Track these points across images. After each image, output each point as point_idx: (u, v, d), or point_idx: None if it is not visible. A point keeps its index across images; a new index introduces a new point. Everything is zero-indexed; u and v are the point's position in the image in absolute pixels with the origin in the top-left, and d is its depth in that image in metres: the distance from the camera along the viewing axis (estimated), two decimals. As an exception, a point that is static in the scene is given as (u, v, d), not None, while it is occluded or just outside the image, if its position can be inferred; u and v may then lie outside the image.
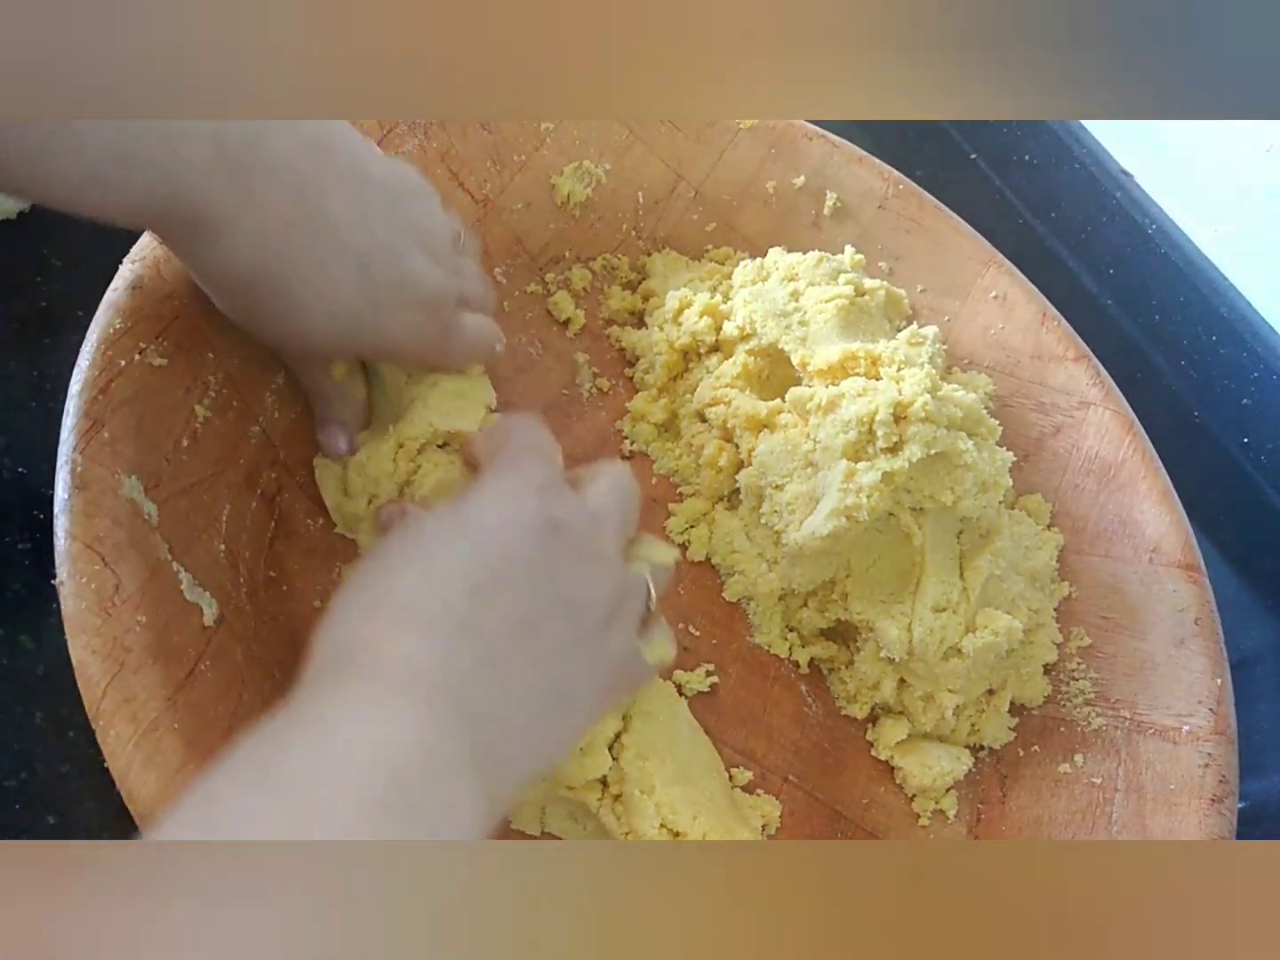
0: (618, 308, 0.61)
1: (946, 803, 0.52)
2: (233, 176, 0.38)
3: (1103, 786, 0.51)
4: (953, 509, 0.50)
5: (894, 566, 0.52)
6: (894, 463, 0.48)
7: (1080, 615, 0.56)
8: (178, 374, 0.44)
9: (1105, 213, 0.75)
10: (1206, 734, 0.50)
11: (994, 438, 0.53)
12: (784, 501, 0.52)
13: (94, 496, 0.39)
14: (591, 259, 0.61)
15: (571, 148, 0.59)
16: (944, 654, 0.51)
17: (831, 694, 0.55)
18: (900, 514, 0.51)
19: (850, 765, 0.53)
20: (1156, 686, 0.52)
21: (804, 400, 0.52)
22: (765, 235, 0.62)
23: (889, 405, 0.48)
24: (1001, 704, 0.54)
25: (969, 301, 0.61)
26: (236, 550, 0.45)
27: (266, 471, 0.47)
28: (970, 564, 0.52)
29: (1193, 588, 0.53)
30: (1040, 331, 0.60)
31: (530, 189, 0.58)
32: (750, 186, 0.62)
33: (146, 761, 0.36)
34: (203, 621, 0.41)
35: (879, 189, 0.62)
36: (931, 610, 0.51)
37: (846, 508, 0.48)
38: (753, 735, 0.52)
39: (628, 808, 0.44)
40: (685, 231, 0.62)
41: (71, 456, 0.40)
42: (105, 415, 0.41)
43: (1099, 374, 0.59)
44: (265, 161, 0.39)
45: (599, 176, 0.60)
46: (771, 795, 0.50)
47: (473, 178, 0.56)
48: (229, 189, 0.38)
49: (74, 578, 0.38)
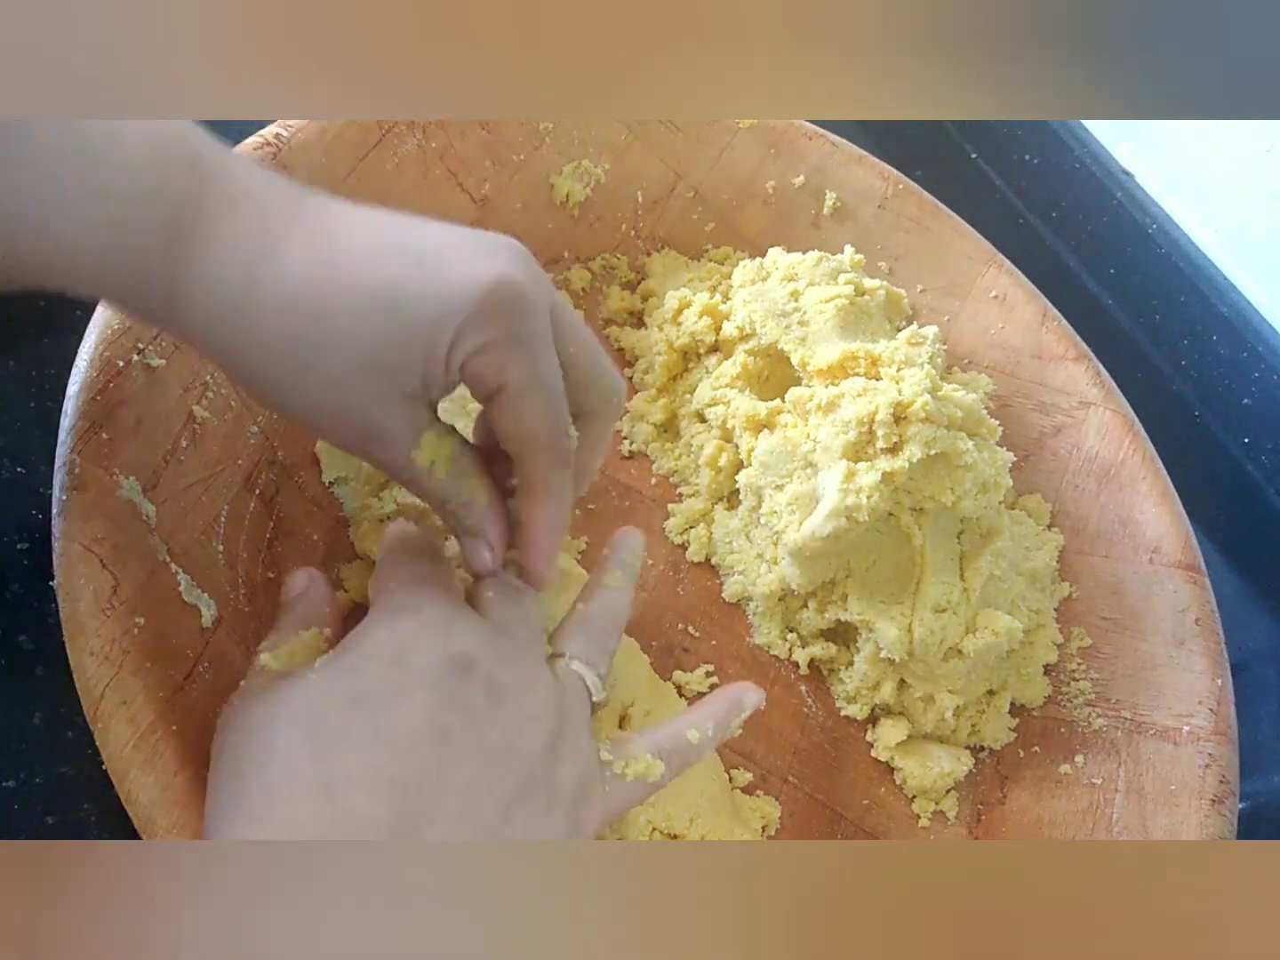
0: (617, 308, 0.61)
1: (947, 804, 0.52)
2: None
3: (1103, 787, 0.51)
4: (953, 509, 0.50)
5: (894, 567, 0.52)
6: (894, 463, 0.48)
7: (1080, 615, 0.55)
8: (176, 374, 0.44)
9: (1105, 213, 0.75)
10: (1207, 734, 0.50)
11: (994, 438, 0.53)
12: (784, 502, 0.51)
13: (92, 497, 0.39)
14: (590, 259, 0.61)
15: (570, 147, 0.59)
16: (944, 654, 0.51)
17: (831, 695, 0.55)
18: (900, 514, 0.51)
19: (850, 766, 0.53)
20: (1157, 687, 0.52)
21: (804, 400, 0.52)
22: (765, 235, 0.62)
23: (889, 405, 0.48)
24: (1002, 705, 0.54)
25: (969, 301, 0.61)
26: (235, 551, 0.45)
27: (265, 472, 0.47)
28: (970, 564, 0.52)
29: (1193, 588, 0.53)
30: (1040, 331, 0.60)
31: (529, 189, 0.58)
32: (750, 186, 0.62)
33: (145, 763, 0.36)
34: (201, 623, 0.41)
35: (879, 189, 0.62)
36: (932, 611, 0.51)
37: (846, 508, 0.48)
38: (752, 736, 0.52)
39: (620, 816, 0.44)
40: (684, 231, 0.62)
41: (69, 457, 0.39)
42: (103, 416, 0.41)
43: (1099, 374, 0.59)
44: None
45: (598, 176, 0.60)
46: (771, 796, 0.50)
47: (471, 177, 0.56)
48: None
49: (72, 579, 0.38)
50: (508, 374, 0.34)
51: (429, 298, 0.32)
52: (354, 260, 0.32)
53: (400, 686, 0.32)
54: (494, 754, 0.32)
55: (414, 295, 0.32)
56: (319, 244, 0.32)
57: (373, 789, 0.30)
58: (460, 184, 0.56)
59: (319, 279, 0.32)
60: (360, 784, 0.30)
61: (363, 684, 0.32)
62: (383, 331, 0.32)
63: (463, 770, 0.32)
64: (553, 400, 0.35)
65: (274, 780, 0.30)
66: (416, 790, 0.30)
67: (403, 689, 0.32)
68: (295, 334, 0.32)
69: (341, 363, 0.32)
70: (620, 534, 0.43)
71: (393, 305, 0.32)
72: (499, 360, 0.33)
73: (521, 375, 0.34)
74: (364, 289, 0.32)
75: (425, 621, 0.34)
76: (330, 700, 0.32)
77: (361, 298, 0.32)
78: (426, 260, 0.33)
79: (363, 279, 0.32)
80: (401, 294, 0.32)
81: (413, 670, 0.33)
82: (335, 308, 0.32)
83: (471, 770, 0.32)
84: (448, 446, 0.35)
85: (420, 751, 0.31)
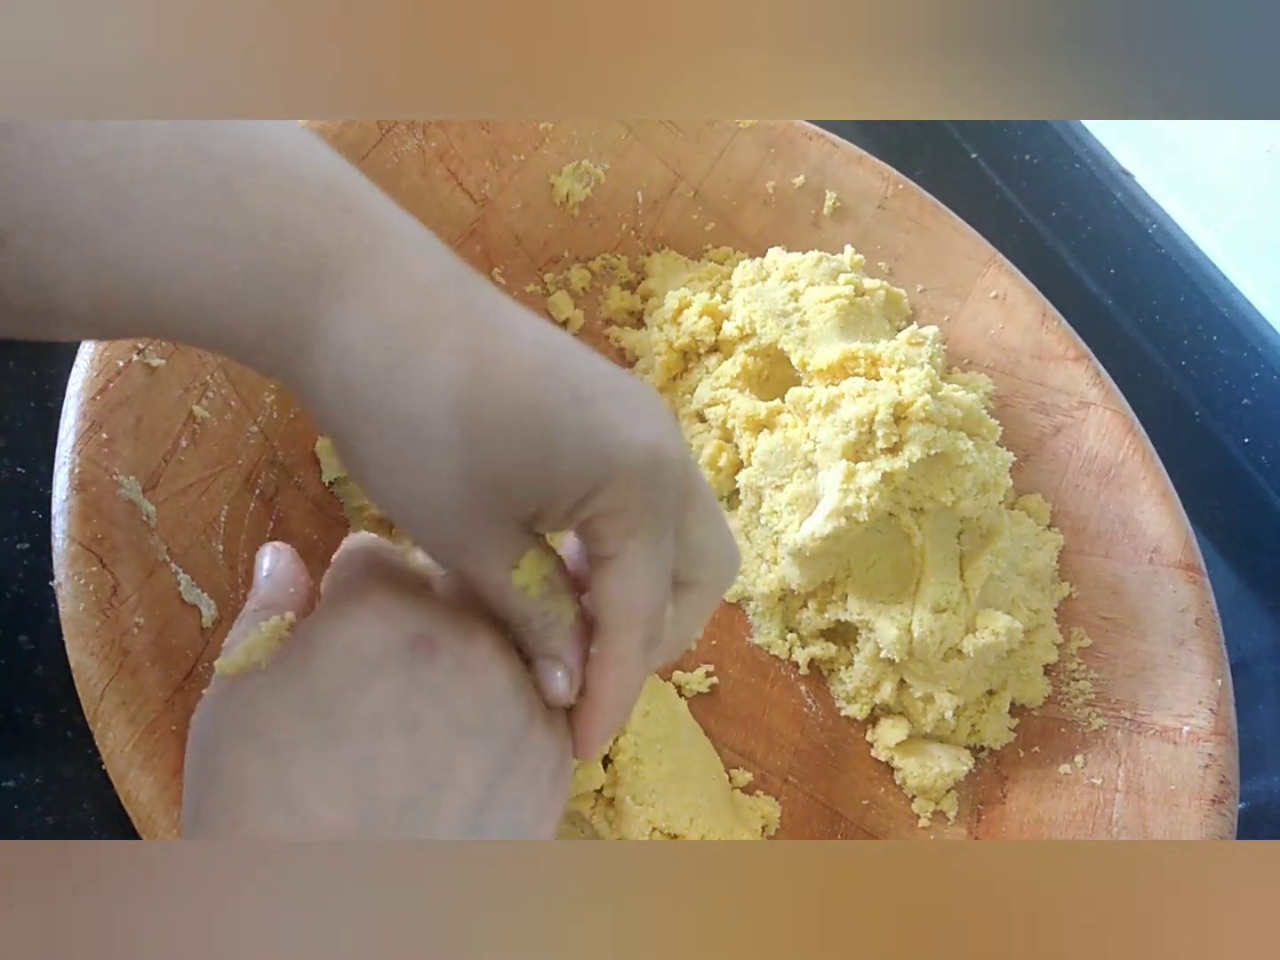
0: (617, 308, 0.61)
1: (947, 803, 0.52)
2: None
3: (1103, 787, 0.51)
4: (953, 509, 0.50)
5: (894, 567, 0.52)
6: (894, 463, 0.48)
7: (1080, 615, 0.55)
8: (176, 374, 0.44)
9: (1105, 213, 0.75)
10: (1207, 734, 0.50)
11: (994, 438, 0.53)
12: (784, 502, 0.51)
13: (92, 497, 0.39)
14: (590, 259, 0.61)
15: (570, 147, 0.59)
16: (944, 654, 0.51)
17: (831, 695, 0.55)
18: (900, 514, 0.51)
19: (850, 766, 0.53)
20: (1157, 687, 0.52)
21: (804, 400, 0.52)
22: (765, 235, 0.62)
23: (889, 405, 0.48)
24: (1002, 705, 0.54)
25: (969, 301, 0.61)
26: (235, 551, 0.45)
27: (265, 472, 0.47)
28: (970, 564, 0.52)
29: (1193, 588, 0.53)
30: (1040, 331, 0.60)
31: (529, 189, 0.58)
32: (750, 186, 0.62)
33: (145, 762, 0.36)
34: (201, 623, 0.41)
35: (879, 189, 0.62)
36: (931, 611, 0.51)
37: (846, 508, 0.48)
38: (752, 736, 0.52)
39: (619, 813, 0.44)
40: (684, 231, 0.62)
41: (70, 457, 0.39)
42: (103, 416, 0.41)
43: (1099, 374, 0.59)
44: None
45: (598, 176, 0.60)
46: (771, 796, 0.50)
47: (471, 178, 0.56)
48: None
49: (72, 579, 0.38)
50: (629, 545, 0.31)
51: (579, 445, 0.30)
52: (511, 375, 0.29)
53: (354, 679, 0.30)
54: (471, 734, 0.30)
55: (564, 434, 0.29)
56: (479, 341, 0.29)
57: (333, 794, 0.28)
58: (460, 184, 0.56)
59: (473, 383, 0.29)
60: (318, 789, 0.28)
61: (310, 681, 0.30)
62: (522, 460, 0.29)
63: (439, 756, 0.30)
64: (660, 577, 0.32)
65: (228, 799, 0.29)
66: (386, 786, 0.29)
67: (357, 682, 0.30)
68: (430, 432, 0.29)
69: (477, 474, 0.29)
70: None
71: (540, 437, 0.29)
72: (625, 529, 0.31)
73: (642, 550, 0.31)
74: (517, 410, 0.29)
75: (374, 606, 0.31)
76: (278, 702, 0.29)
77: (511, 419, 0.29)
78: (583, 399, 0.30)
79: (518, 401, 0.29)
80: (552, 428, 0.29)
81: (366, 660, 0.30)
82: (481, 421, 0.29)
83: (448, 755, 0.30)
84: (547, 566, 0.32)
85: (387, 744, 0.29)
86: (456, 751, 0.30)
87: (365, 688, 0.29)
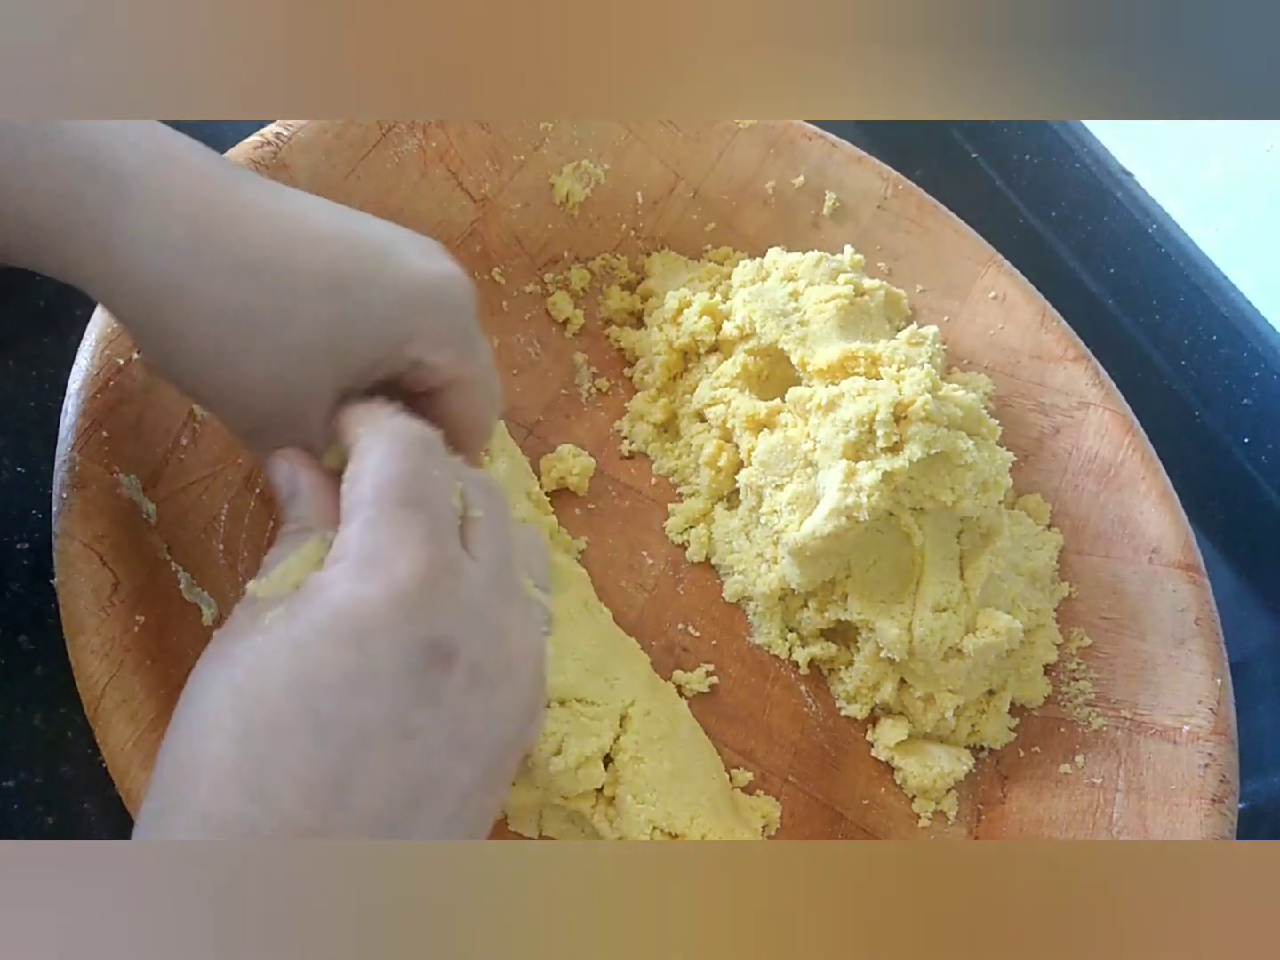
0: (617, 308, 0.61)
1: (947, 803, 0.52)
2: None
3: (1103, 787, 0.51)
4: (953, 509, 0.50)
5: (894, 566, 0.52)
6: (894, 462, 0.48)
7: (1080, 615, 0.56)
8: (177, 374, 0.44)
9: (1105, 213, 0.75)
10: (1207, 734, 0.50)
11: (994, 438, 0.53)
12: (784, 501, 0.51)
13: (92, 496, 0.39)
14: (590, 259, 0.61)
15: (570, 147, 0.59)
16: (944, 654, 0.51)
17: (831, 694, 0.55)
18: (900, 514, 0.51)
19: (850, 766, 0.53)
20: (1157, 687, 0.52)
21: (804, 400, 0.52)
22: (765, 235, 0.62)
23: (889, 405, 0.48)
24: (1002, 704, 0.54)
25: (969, 301, 0.61)
26: (235, 549, 0.45)
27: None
28: (970, 564, 0.52)
29: (1193, 588, 0.53)
30: (1040, 331, 0.60)
31: (529, 189, 0.58)
32: (749, 186, 0.62)
33: (145, 761, 0.36)
34: (201, 621, 0.41)
35: (879, 189, 0.62)
36: (932, 610, 0.51)
37: (846, 508, 0.48)
38: (753, 736, 0.52)
39: (620, 812, 0.44)
40: (684, 231, 0.62)
41: (70, 455, 0.39)
42: (104, 414, 0.41)
43: (1099, 374, 0.59)
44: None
45: (598, 176, 0.60)
46: (771, 796, 0.50)
47: (471, 177, 0.56)
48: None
49: (72, 577, 0.38)
50: (462, 368, 0.35)
51: (387, 288, 0.33)
52: (317, 239, 0.32)
53: (358, 678, 0.27)
54: (465, 747, 0.29)
55: (372, 283, 0.33)
56: (282, 218, 0.32)
57: (309, 795, 0.26)
58: (460, 184, 0.56)
59: (283, 252, 0.31)
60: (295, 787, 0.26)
61: (308, 666, 0.27)
62: (340, 314, 0.32)
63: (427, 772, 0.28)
64: (495, 389, 0.37)
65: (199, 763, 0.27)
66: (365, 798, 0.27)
67: (361, 683, 0.27)
68: (249, 305, 0.31)
69: (294, 339, 0.31)
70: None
71: (353, 290, 0.32)
72: (453, 355, 0.34)
73: (474, 369, 0.35)
74: (327, 269, 0.32)
75: (397, 590, 0.28)
76: (271, 679, 0.27)
77: (322, 277, 0.32)
78: (379, 251, 0.33)
79: (331, 258, 0.32)
80: (362, 280, 0.32)
81: (375, 660, 0.27)
82: (297, 282, 0.31)
83: (437, 770, 0.28)
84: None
85: (376, 754, 0.27)
86: (446, 768, 0.28)
87: (368, 692, 0.27)
